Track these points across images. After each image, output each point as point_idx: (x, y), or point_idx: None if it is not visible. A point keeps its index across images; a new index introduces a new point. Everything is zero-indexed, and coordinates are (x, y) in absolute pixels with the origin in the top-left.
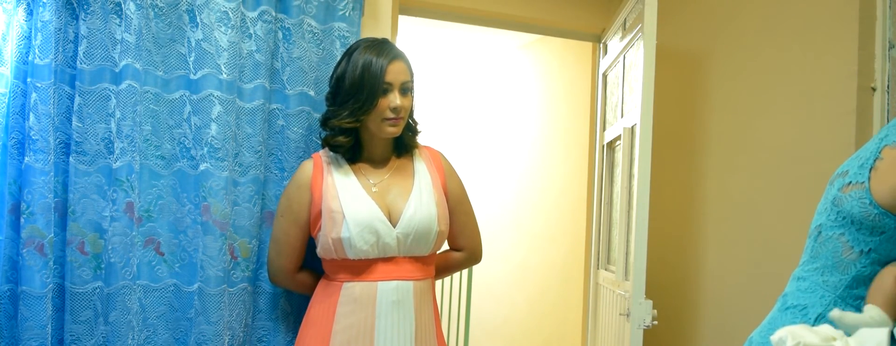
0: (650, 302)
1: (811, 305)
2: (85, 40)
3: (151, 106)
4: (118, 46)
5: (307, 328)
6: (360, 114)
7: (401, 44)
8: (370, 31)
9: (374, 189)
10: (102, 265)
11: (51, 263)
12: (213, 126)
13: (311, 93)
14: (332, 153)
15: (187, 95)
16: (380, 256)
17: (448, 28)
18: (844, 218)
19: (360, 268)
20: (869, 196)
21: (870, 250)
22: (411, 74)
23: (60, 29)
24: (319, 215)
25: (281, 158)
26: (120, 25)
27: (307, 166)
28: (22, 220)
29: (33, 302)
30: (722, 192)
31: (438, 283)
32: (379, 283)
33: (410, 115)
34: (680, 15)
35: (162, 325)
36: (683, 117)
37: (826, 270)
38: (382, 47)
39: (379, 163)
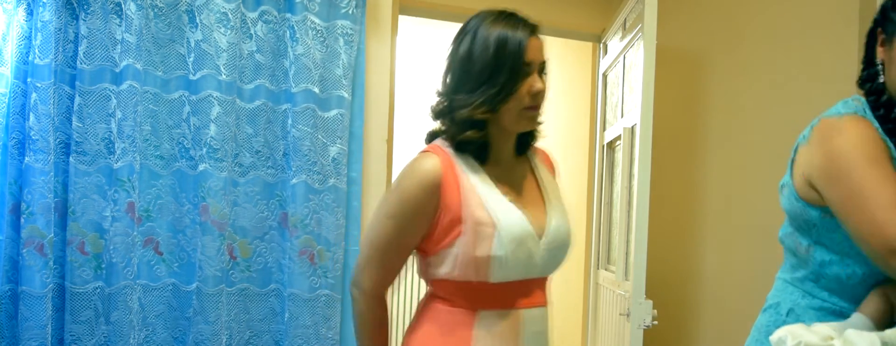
0: (650, 302)
1: (783, 301)
2: (85, 40)
3: (151, 106)
4: (118, 46)
5: None
6: (498, 102)
7: (401, 44)
8: (370, 30)
9: (508, 197)
10: (103, 265)
11: (51, 263)
12: (213, 127)
13: (316, 90)
14: (456, 152)
15: (186, 95)
16: (522, 277)
17: (448, 28)
18: (788, 217)
19: (497, 293)
20: (794, 192)
21: (816, 242)
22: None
23: (60, 29)
24: (452, 225)
25: (292, 158)
26: (120, 25)
27: (432, 163)
28: (22, 220)
29: (33, 302)
30: (722, 192)
31: None
32: (523, 311)
33: None
34: (680, 15)
35: (160, 324)
36: (683, 117)
37: (793, 268)
38: (515, 18)
39: (505, 164)
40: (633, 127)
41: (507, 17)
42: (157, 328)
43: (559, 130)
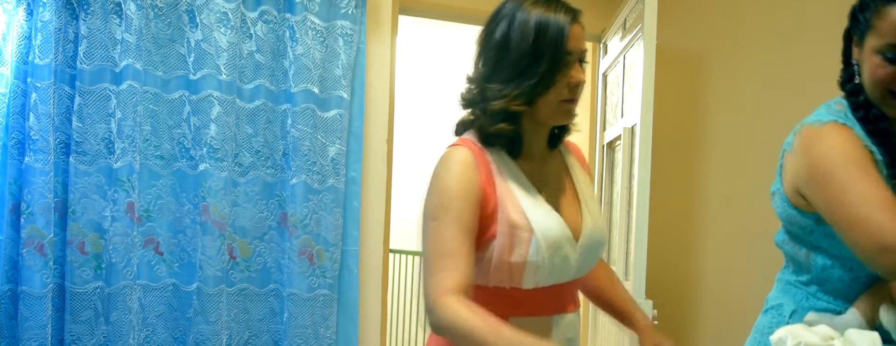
0: (650, 302)
1: (786, 303)
2: (85, 40)
3: (151, 106)
4: (118, 46)
5: None
6: (537, 94)
7: (401, 44)
8: (370, 30)
9: (542, 195)
10: (103, 265)
11: (51, 263)
12: (213, 126)
13: (315, 90)
14: (485, 145)
15: (187, 95)
16: (556, 282)
17: (448, 28)
18: (783, 224)
19: (529, 299)
20: (786, 200)
21: (814, 247)
22: None
23: (60, 29)
24: (489, 222)
25: (291, 158)
26: (120, 25)
27: (465, 153)
28: (22, 220)
29: (33, 302)
30: (722, 192)
31: None
32: (554, 318)
33: None
34: (680, 15)
35: (161, 324)
36: (683, 117)
37: (795, 272)
38: (555, 2)
39: (538, 160)
40: (633, 127)
41: (547, 1)
42: (157, 328)
43: None
